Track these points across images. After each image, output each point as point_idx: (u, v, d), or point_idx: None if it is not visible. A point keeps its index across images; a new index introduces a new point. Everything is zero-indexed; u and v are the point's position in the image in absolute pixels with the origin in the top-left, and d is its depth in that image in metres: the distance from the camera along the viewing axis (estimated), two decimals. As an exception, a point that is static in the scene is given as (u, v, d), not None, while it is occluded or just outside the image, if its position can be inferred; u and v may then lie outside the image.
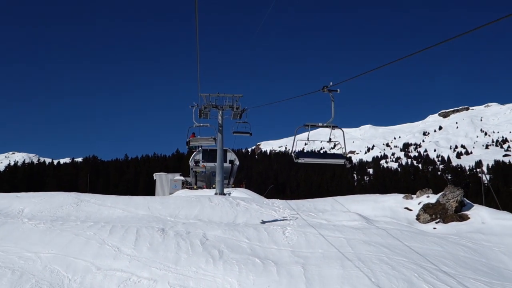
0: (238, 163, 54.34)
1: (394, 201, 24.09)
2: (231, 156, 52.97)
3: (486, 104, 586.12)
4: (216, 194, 32.12)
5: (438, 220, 21.37)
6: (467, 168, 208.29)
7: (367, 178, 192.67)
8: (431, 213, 21.79)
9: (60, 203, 22.04)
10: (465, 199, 22.78)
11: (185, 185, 61.00)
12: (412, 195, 24.29)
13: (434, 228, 20.76)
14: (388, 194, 26.23)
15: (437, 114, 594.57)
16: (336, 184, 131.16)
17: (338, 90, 19.56)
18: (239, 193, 39.88)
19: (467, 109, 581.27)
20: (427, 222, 21.56)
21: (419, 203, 22.97)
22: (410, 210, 22.92)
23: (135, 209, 21.60)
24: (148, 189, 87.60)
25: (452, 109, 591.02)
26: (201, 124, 28.41)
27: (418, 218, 21.98)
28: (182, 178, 64.63)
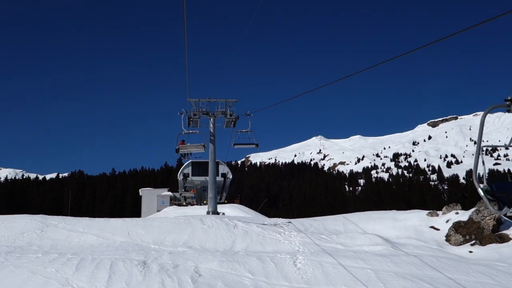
0: (231, 177, 50.80)
1: (417, 218, 20.74)
2: (223, 169, 49.35)
3: (474, 113, 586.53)
4: (208, 213, 28.56)
5: (473, 241, 18.03)
6: (460, 177, 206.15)
7: (359, 189, 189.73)
8: (464, 233, 18.44)
9: (21, 229, 18.38)
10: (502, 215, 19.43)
11: (174, 201, 57.24)
12: (438, 212, 20.93)
13: (471, 252, 17.43)
14: (409, 211, 22.94)
15: (426, 124, 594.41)
16: (330, 196, 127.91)
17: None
18: (234, 210, 36.60)
19: (456, 118, 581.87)
20: (460, 244, 18.22)
21: (447, 221, 19.65)
22: (437, 229, 19.59)
23: (112, 235, 18.02)
24: (136, 205, 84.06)
25: (440, 119, 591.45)
26: (190, 131, 27.39)
27: (448, 239, 18.62)
28: (170, 193, 60.86)
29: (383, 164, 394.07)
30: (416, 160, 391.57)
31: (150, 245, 16.88)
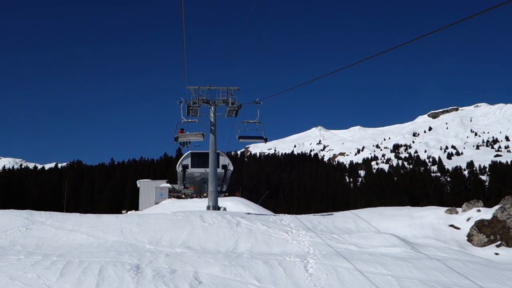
0: (232, 169, 49.06)
1: (434, 216, 19.18)
2: (224, 160, 47.54)
3: (475, 105, 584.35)
4: (208, 207, 26.94)
5: (499, 242, 16.50)
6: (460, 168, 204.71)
7: (359, 180, 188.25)
8: (488, 233, 16.90)
9: (4, 227, 16.82)
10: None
11: (172, 193, 55.63)
12: (457, 209, 19.36)
13: (497, 254, 15.94)
14: (425, 208, 21.35)
15: (426, 115, 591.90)
16: (331, 187, 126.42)
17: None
18: (235, 204, 35.11)
19: (457, 109, 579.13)
20: (484, 245, 16.69)
21: (469, 219, 18.09)
22: (457, 228, 18.05)
23: (104, 233, 16.46)
24: (135, 195, 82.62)
25: (441, 110, 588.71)
26: (189, 120, 26.05)
27: (470, 239, 17.09)
28: (168, 185, 59.24)
29: (383, 155, 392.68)
30: (416, 151, 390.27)
31: (145, 245, 15.35)
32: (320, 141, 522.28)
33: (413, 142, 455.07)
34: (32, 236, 15.95)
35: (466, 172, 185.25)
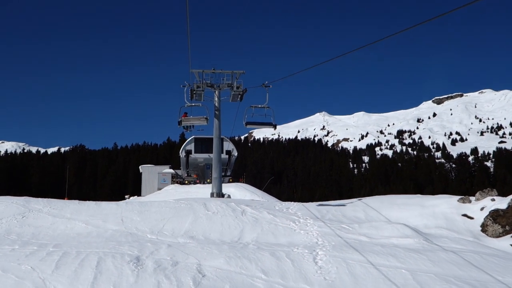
0: (236, 154, 48.44)
1: (447, 205, 18.46)
2: (228, 145, 46.91)
3: (480, 91, 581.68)
4: (212, 194, 26.35)
5: (515, 233, 15.81)
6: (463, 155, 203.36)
7: (363, 166, 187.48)
8: (504, 223, 16.21)
9: (0, 214, 16.21)
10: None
11: (175, 179, 54.95)
12: (470, 198, 18.64)
13: (512, 246, 15.22)
14: (437, 196, 20.64)
15: (431, 101, 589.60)
16: (335, 173, 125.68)
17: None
18: (239, 190, 34.47)
19: (461, 95, 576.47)
20: (499, 236, 16.01)
21: (482, 209, 17.37)
22: (471, 218, 17.34)
23: (103, 222, 15.81)
24: (138, 180, 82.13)
25: (446, 96, 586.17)
26: (193, 104, 25.55)
27: (485, 230, 16.40)
28: (171, 171, 58.55)
29: (387, 141, 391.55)
30: (420, 137, 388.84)
31: (146, 235, 14.70)
32: (324, 126, 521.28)
33: (417, 128, 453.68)
34: (28, 225, 15.31)
35: (470, 159, 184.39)
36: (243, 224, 15.96)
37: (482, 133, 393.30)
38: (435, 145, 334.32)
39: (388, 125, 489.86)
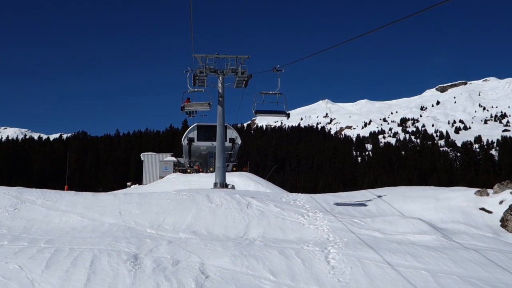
0: (240, 142, 47.42)
1: (463, 198, 17.50)
2: (231, 133, 45.85)
3: (484, 79, 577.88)
4: (215, 184, 25.39)
5: (537, 229, 14.86)
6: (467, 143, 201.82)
7: (367, 154, 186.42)
8: (525, 218, 15.25)
9: (-10, 206, 15.29)
10: None
11: (177, 167, 54.02)
12: (488, 190, 17.67)
13: (535, 242, 14.27)
14: (452, 188, 19.69)
15: (434, 89, 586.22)
16: (339, 161, 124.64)
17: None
18: (243, 180, 33.52)
19: (465, 83, 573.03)
20: (521, 232, 15.05)
21: (501, 202, 16.42)
22: (489, 212, 16.39)
23: (100, 215, 14.88)
24: (140, 168, 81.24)
25: (449, 84, 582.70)
26: (196, 89, 24.57)
27: (505, 225, 15.45)
28: (173, 159, 57.59)
29: (390, 129, 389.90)
30: (424, 126, 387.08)
31: (145, 230, 13.79)
32: (327, 114, 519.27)
33: (421, 116, 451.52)
34: (21, 217, 14.40)
35: (475, 147, 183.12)
36: (249, 218, 15.04)
37: (486, 122, 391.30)
38: (438, 133, 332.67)
39: (391, 113, 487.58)
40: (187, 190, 19.46)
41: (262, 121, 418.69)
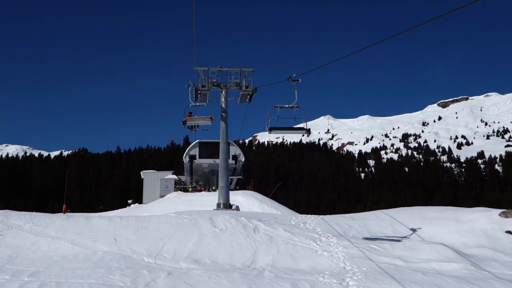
0: (243, 160, 46.04)
1: (486, 220, 16.18)
2: (234, 150, 44.38)
3: (485, 94, 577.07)
4: (219, 205, 24.04)
5: None
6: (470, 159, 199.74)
7: (369, 170, 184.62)
8: (558, 242, 13.94)
9: (-26, 232, 13.97)
10: None
11: (178, 185, 52.65)
12: (514, 211, 16.36)
13: None
14: (473, 209, 18.37)
15: (436, 104, 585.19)
16: (342, 177, 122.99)
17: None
18: (247, 199, 32.13)
19: (467, 99, 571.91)
20: (554, 258, 13.72)
21: (529, 225, 15.11)
22: (517, 235, 15.07)
23: (93, 242, 13.58)
24: (141, 185, 79.81)
25: (451, 99, 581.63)
26: (197, 104, 23.60)
27: (535, 250, 14.12)
28: (174, 177, 56.24)
29: (392, 145, 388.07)
30: (426, 141, 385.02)
31: (142, 258, 12.47)
32: (328, 130, 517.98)
33: (423, 131, 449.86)
34: (6, 245, 13.10)
35: (480, 162, 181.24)
36: (256, 244, 13.72)
37: (488, 137, 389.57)
38: (440, 149, 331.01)
39: (393, 129, 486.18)
40: (189, 213, 18.10)
41: (264, 137, 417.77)
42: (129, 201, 60.17)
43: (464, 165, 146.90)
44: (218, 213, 18.02)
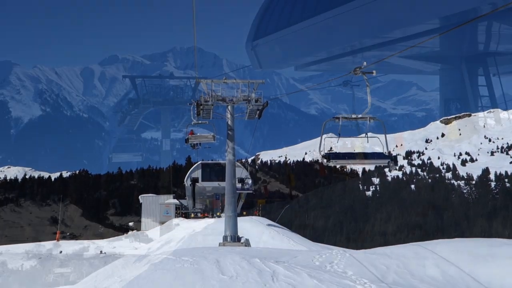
0: (251, 183, 42.91)
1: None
2: (241, 172, 40.96)
3: (488, 110, 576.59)
4: (225, 239, 21.09)
5: None
6: (475, 176, 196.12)
7: (373, 188, 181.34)
8: None
9: None
10: None
11: (180, 210, 49.74)
12: None
13: None
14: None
15: (438, 121, 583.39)
16: (349, 196, 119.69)
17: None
18: (256, 226, 29.26)
19: (469, 115, 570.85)
20: None
21: None
22: None
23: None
24: (140, 208, 76.82)
25: (453, 116, 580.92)
26: (199, 122, 22.80)
27: None
28: (175, 201, 53.33)
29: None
30: (429, 158, 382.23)
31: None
32: (331, 148, 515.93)
33: (426, 148, 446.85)
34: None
35: (491, 178, 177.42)
36: (276, 298, 10.75)
37: (492, 153, 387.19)
38: (445, 166, 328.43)
39: (396, 146, 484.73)
40: (190, 252, 15.09)
41: (266, 156, 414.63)
42: (130, 224, 57.61)
43: (473, 182, 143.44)
44: (227, 253, 14.92)
